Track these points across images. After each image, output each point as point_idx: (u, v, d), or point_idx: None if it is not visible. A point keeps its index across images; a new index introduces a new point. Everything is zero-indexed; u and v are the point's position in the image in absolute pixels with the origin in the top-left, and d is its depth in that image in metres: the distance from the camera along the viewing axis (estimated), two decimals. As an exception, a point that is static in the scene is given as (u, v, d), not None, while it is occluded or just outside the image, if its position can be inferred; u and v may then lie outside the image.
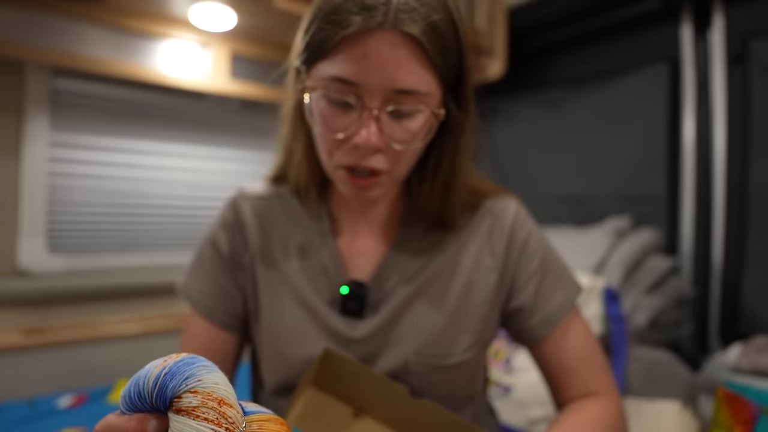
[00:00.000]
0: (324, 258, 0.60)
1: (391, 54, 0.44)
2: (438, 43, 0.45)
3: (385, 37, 0.44)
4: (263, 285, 0.61)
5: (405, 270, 0.59)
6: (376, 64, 0.44)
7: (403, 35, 0.44)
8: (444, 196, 0.57)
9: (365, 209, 0.60)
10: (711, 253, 1.31)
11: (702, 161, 1.32)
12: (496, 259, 0.59)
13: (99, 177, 1.40)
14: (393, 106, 0.46)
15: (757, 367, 0.87)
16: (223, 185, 1.63)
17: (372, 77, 0.44)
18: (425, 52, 0.45)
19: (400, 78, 0.45)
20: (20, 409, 1.08)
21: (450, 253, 0.60)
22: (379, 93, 0.45)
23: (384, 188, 0.52)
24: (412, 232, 0.61)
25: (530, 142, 1.75)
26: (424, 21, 0.44)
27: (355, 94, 0.46)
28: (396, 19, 0.43)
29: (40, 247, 1.29)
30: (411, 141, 0.48)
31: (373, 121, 0.46)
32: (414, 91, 0.46)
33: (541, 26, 1.60)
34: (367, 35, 0.44)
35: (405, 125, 0.48)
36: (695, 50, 1.34)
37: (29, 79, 1.26)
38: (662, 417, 0.85)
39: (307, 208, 0.62)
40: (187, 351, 0.62)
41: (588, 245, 1.29)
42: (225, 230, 0.62)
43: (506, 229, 0.60)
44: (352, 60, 0.44)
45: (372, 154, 0.48)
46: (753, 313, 1.20)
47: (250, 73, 1.53)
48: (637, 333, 1.12)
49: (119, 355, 1.35)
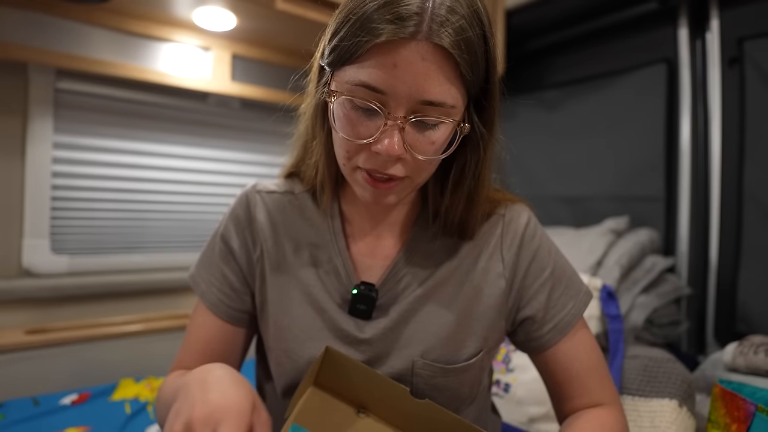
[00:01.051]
0: (334, 258, 0.60)
1: (421, 65, 0.43)
2: (469, 57, 0.45)
3: (416, 49, 0.43)
4: (271, 281, 0.61)
5: (415, 274, 0.59)
6: (405, 75, 0.44)
7: (435, 47, 0.43)
8: (466, 208, 0.57)
9: (378, 212, 0.60)
10: (708, 253, 1.32)
11: (699, 162, 1.34)
12: (505, 267, 0.59)
13: (102, 177, 1.41)
14: (418, 117, 0.46)
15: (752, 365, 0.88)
16: (224, 185, 1.65)
17: (400, 87, 0.44)
18: (455, 66, 0.45)
19: (428, 90, 0.44)
20: (24, 407, 1.09)
21: (460, 259, 0.60)
22: (406, 103, 0.45)
23: (402, 194, 0.52)
24: (424, 235, 0.61)
25: (529, 143, 1.76)
26: (456, 34, 0.43)
27: (381, 101, 0.46)
28: (429, 30, 0.43)
29: (44, 248, 1.30)
30: (432, 152, 0.48)
31: (397, 131, 0.46)
32: (441, 103, 0.45)
33: (539, 28, 1.61)
34: (399, 45, 0.43)
35: (428, 136, 0.47)
36: (692, 52, 1.35)
37: (33, 80, 1.27)
38: (659, 415, 0.86)
39: (320, 207, 0.62)
40: (191, 338, 0.63)
41: (586, 245, 1.30)
42: (235, 225, 0.63)
43: (517, 237, 0.60)
44: (381, 68, 0.44)
45: (393, 163, 0.48)
46: (749, 312, 1.21)
47: (250, 75, 1.54)
48: (634, 332, 1.13)
49: (122, 354, 1.36)
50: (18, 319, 1.27)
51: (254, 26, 1.38)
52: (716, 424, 0.79)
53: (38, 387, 1.21)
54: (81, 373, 1.29)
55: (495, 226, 0.61)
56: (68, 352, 1.27)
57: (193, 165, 1.58)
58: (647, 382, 0.92)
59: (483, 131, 0.52)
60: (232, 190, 1.66)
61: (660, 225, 1.39)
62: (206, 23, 1.35)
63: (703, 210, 1.33)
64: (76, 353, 1.29)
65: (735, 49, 1.25)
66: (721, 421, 0.78)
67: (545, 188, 1.70)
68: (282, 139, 0.63)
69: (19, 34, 1.19)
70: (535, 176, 1.73)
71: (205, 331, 0.62)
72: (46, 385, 1.22)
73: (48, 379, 1.23)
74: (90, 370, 1.30)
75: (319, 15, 1.23)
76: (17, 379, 1.20)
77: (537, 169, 1.73)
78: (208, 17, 1.31)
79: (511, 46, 1.65)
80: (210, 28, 1.38)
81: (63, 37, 1.25)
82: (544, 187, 1.70)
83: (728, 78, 1.27)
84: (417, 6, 0.43)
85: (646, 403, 0.89)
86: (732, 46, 1.26)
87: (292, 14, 1.21)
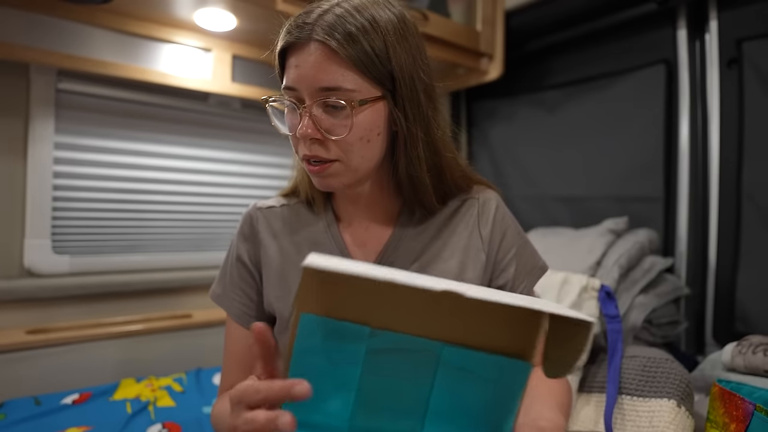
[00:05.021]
0: (332, 250, 0.68)
1: (312, 59, 0.55)
2: (350, 45, 0.55)
3: (307, 49, 0.56)
4: (277, 281, 0.68)
5: (405, 256, 0.67)
6: (303, 70, 0.56)
7: (320, 44, 0.55)
8: (411, 184, 0.65)
9: (364, 207, 0.69)
10: (707, 253, 1.32)
11: (698, 163, 1.34)
12: (483, 242, 0.68)
13: (103, 178, 1.42)
14: (320, 101, 0.56)
15: (751, 365, 0.88)
16: (225, 186, 1.65)
17: (302, 81, 0.56)
18: (339, 56, 0.55)
19: (321, 78, 0.55)
20: (26, 407, 1.09)
21: (443, 238, 0.69)
22: (310, 94, 0.57)
23: (341, 177, 0.61)
24: (409, 222, 0.69)
25: (528, 144, 1.76)
26: (337, 31, 0.55)
27: (296, 98, 0.58)
28: (316, 33, 0.55)
29: (45, 248, 1.30)
30: (342, 132, 0.57)
31: (307, 116, 0.57)
32: (336, 87, 0.56)
33: (539, 29, 1.62)
34: (297, 50, 0.57)
35: (340, 119, 0.57)
36: (690, 53, 1.35)
37: (35, 81, 1.27)
38: (657, 415, 0.86)
39: (315, 211, 0.72)
40: (228, 354, 0.71)
41: (585, 246, 1.30)
42: (243, 241, 0.72)
43: (490, 217, 0.69)
44: (289, 71, 0.58)
45: (313, 144, 0.58)
46: (748, 312, 1.22)
47: (250, 76, 1.55)
48: (633, 332, 1.14)
49: (123, 354, 1.37)
50: (19, 318, 1.28)
51: (255, 27, 1.38)
52: (715, 424, 0.80)
53: (39, 386, 1.21)
54: (82, 373, 1.29)
55: (472, 207, 0.70)
56: (69, 352, 1.28)
57: (194, 165, 1.58)
58: (645, 381, 0.92)
59: (398, 114, 0.60)
60: (233, 190, 1.67)
61: (659, 225, 1.40)
62: (207, 24, 1.35)
63: (701, 210, 1.33)
64: (77, 353, 1.29)
65: (734, 50, 1.25)
66: (720, 420, 0.79)
67: (545, 188, 1.70)
68: (282, 140, 0.67)
69: (20, 34, 1.19)
70: (534, 177, 1.73)
71: (239, 342, 0.70)
72: (47, 384, 1.22)
73: (49, 378, 1.24)
74: (91, 369, 1.31)
75: (320, 16, 1.23)
76: (18, 379, 1.20)
77: (536, 170, 1.73)
78: (208, 18, 1.32)
79: (510, 47, 1.66)
80: (211, 29, 1.38)
81: (65, 38, 1.26)
82: (544, 187, 1.70)
83: (727, 79, 1.28)
84: (315, 16, 0.56)
85: (645, 403, 0.89)
86: (731, 48, 1.26)
87: (292, 15, 1.21)
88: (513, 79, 1.74)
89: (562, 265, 1.22)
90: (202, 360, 1.46)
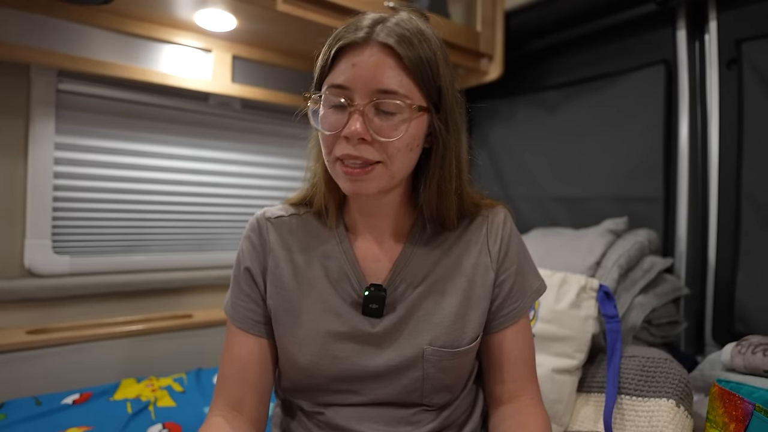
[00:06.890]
0: (343, 264, 0.68)
1: (372, 61, 0.56)
2: (410, 50, 0.57)
3: (368, 50, 0.57)
4: (287, 295, 0.68)
5: (416, 272, 0.67)
6: (361, 70, 0.56)
7: (382, 46, 0.56)
8: (439, 199, 0.65)
9: (377, 221, 0.69)
10: (706, 253, 1.32)
11: (697, 163, 1.34)
12: (492, 260, 0.69)
13: (104, 178, 1.42)
14: (375, 103, 0.57)
15: (751, 365, 0.88)
16: (225, 186, 1.65)
17: (359, 81, 0.56)
18: (400, 59, 0.56)
19: (380, 80, 0.56)
20: (26, 407, 1.10)
21: (453, 256, 0.69)
22: (365, 94, 0.57)
23: (380, 181, 0.60)
24: (420, 239, 0.70)
25: (528, 144, 1.76)
26: (399, 37, 0.57)
27: (347, 96, 0.57)
28: (377, 35, 0.57)
29: (45, 248, 1.30)
30: (393, 135, 0.57)
31: (359, 115, 0.56)
32: (393, 90, 0.56)
33: (539, 29, 1.62)
34: (356, 49, 0.57)
35: (391, 122, 0.57)
36: (690, 54, 1.35)
37: (35, 81, 1.27)
38: (656, 415, 0.86)
39: (327, 223, 0.71)
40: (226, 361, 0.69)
41: (585, 246, 1.30)
42: (252, 249, 0.71)
43: (498, 234, 0.70)
44: (344, 70, 0.57)
45: (360, 144, 0.57)
46: (747, 312, 1.22)
47: (250, 76, 1.55)
48: (633, 332, 1.14)
49: (124, 354, 1.37)
50: (20, 319, 1.28)
51: (255, 28, 1.38)
52: (714, 424, 0.80)
53: (40, 387, 1.21)
54: (82, 373, 1.29)
55: (482, 225, 0.71)
56: (70, 352, 1.28)
57: (194, 166, 1.58)
58: (645, 381, 0.92)
59: (441, 127, 0.61)
60: (233, 190, 1.67)
61: (658, 225, 1.40)
62: (207, 25, 1.35)
63: (701, 210, 1.34)
64: (77, 353, 1.29)
65: (733, 50, 1.25)
66: (719, 420, 0.79)
67: (544, 189, 1.70)
68: (282, 140, 0.67)
69: (21, 35, 1.20)
70: (534, 177, 1.73)
71: (238, 349, 0.69)
72: (48, 384, 1.23)
73: (50, 378, 1.24)
74: (91, 369, 1.31)
75: (320, 16, 1.23)
76: (19, 379, 1.20)
77: (536, 170, 1.73)
78: (208, 19, 1.32)
79: (510, 47, 1.66)
80: (211, 29, 1.39)
81: (65, 39, 1.26)
82: (544, 187, 1.70)
83: (726, 79, 1.28)
84: (370, 21, 0.58)
85: (644, 403, 0.89)
86: (730, 48, 1.26)
87: (292, 15, 1.21)
88: (513, 79, 1.74)
89: (562, 266, 1.22)
90: (202, 360, 1.46)
